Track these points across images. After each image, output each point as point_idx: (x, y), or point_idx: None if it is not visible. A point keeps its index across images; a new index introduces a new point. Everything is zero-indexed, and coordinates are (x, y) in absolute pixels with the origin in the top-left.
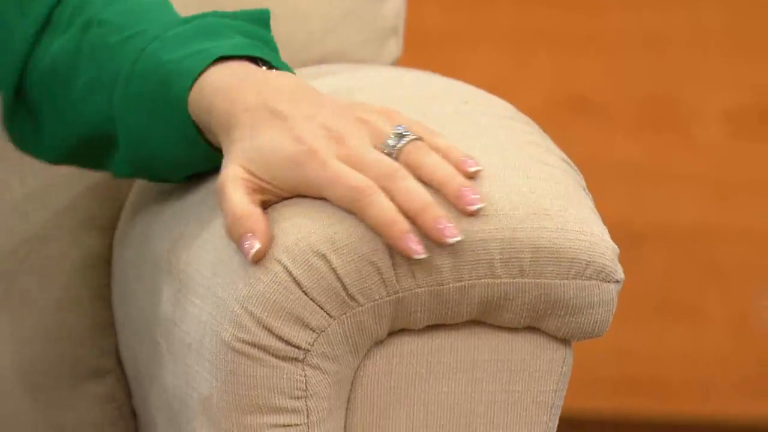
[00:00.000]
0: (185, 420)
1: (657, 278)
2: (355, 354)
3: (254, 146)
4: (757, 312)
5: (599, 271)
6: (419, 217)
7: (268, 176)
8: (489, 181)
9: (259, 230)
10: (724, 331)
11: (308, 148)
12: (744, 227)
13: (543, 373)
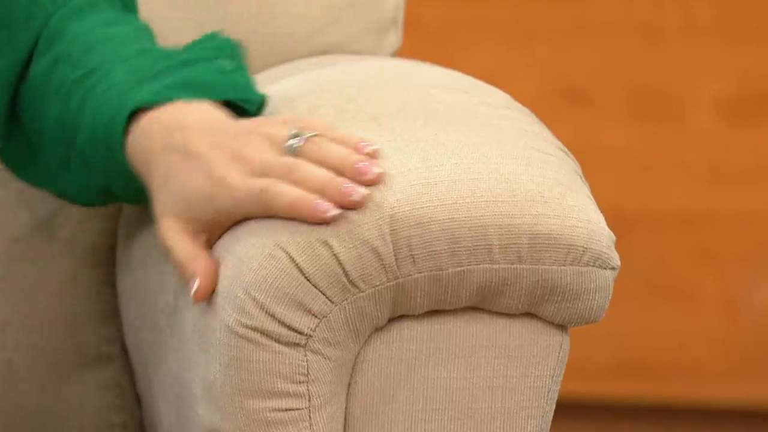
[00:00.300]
0: (189, 405)
1: (649, 263)
2: (356, 339)
3: (172, 195)
4: (748, 296)
5: (596, 258)
6: (325, 191)
7: (196, 219)
8: (491, 168)
9: (199, 271)
10: (715, 315)
11: (217, 179)
12: (735, 213)
13: (540, 359)
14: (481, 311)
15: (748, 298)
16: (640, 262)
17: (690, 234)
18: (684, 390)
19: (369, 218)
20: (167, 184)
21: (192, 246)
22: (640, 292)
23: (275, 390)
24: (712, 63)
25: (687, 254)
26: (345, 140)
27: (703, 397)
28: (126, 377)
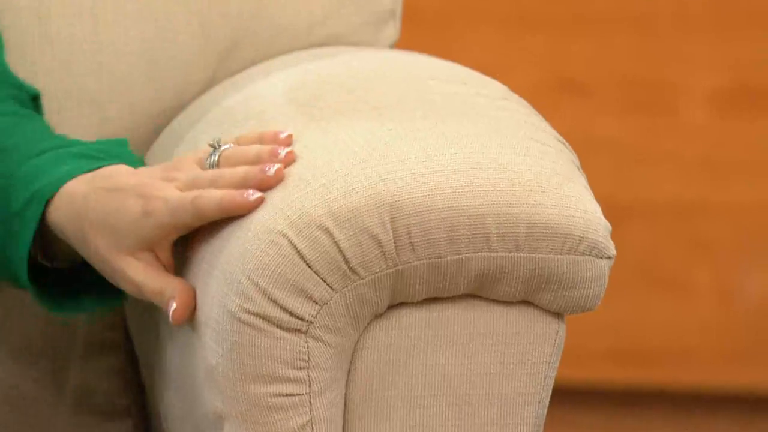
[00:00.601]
0: (193, 389)
1: (642, 252)
2: (356, 326)
3: (113, 231)
4: (741, 284)
5: (592, 247)
6: (247, 180)
7: (142, 243)
8: (490, 158)
9: (176, 293)
10: (708, 303)
11: (150, 197)
12: (727, 203)
13: (536, 346)
14: (479, 299)
15: (740, 286)
16: (634, 251)
17: (683, 224)
18: (677, 376)
19: (369, 206)
20: (105, 223)
21: (158, 275)
22: (634, 281)
23: (276, 375)
24: (706, 56)
25: (680, 244)
26: (261, 137)
27: (695, 383)
28: (130, 363)
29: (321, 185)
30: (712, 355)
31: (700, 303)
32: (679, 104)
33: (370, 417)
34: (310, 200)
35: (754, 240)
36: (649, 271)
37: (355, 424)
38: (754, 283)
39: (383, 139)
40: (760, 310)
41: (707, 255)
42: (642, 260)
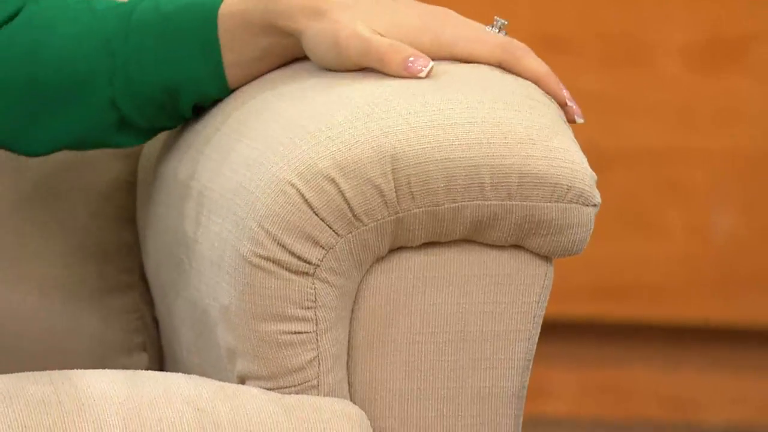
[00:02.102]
0: (207, 327)
1: (622, 195)
2: (359, 269)
3: (366, 12)
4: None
5: (579, 196)
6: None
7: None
8: (484, 113)
9: (414, 52)
10: (681, 241)
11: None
12: (700, 150)
13: (527, 287)
14: (474, 243)
15: (711, 226)
16: (614, 194)
17: (659, 169)
18: (651, 310)
19: (372, 158)
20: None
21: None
22: (615, 222)
23: (286, 315)
24: (681, 12)
25: (656, 187)
26: None
27: (669, 317)
28: (144, 303)
29: (327, 138)
30: (684, 290)
31: (673, 242)
32: (656, 58)
33: (373, 353)
34: (317, 152)
35: (723, 183)
36: (628, 213)
37: (358, 359)
38: (723, 224)
39: (384, 95)
40: (729, 249)
41: (681, 197)
42: (621, 203)
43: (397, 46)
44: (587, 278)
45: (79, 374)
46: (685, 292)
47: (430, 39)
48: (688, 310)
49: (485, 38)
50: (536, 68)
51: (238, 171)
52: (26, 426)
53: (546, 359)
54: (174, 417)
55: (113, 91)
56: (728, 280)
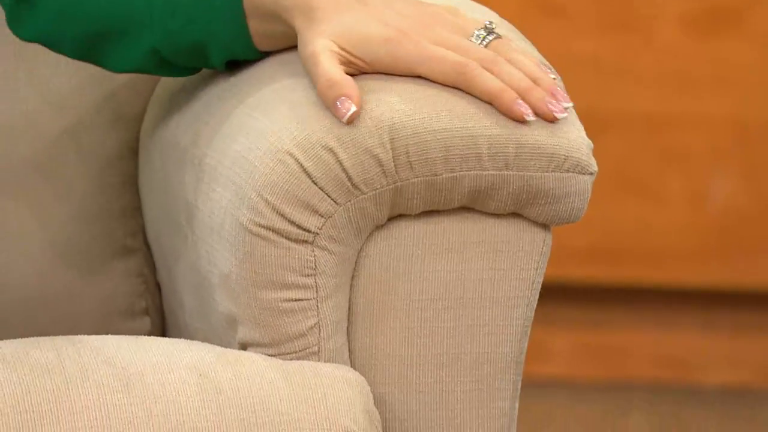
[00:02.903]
0: (208, 294)
1: (619, 160)
2: (359, 237)
3: (342, 24)
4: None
5: (576, 165)
6: (528, 95)
7: (358, 52)
8: None
9: (354, 95)
10: (678, 206)
11: (397, 30)
12: (697, 115)
13: (525, 254)
14: (472, 211)
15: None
16: (611, 160)
17: (656, 134)
18: (649, 274)
19: (371, 128)
20: (340, 16)
21: (340, 70)
22: (611, 187)
23: (286, 282)
24: None
25: (653, 153)
26: (526, 52)
27: (665, 280)
28: (147, 266)
29: (325, 108)
30: (681, 254)
31: (670, 207)
32: (652, 23)
33: (372, 319)
34: (316, 122)
35: (720, 149)
36: (625, 178)
37: (358, 325)
38: (720, 189)
39: None
40: (725, 214)
41: (678, 163)
42: (618, 168)
43: (334, 82)
44: (585, 242)
45: (83, 340)
46: (682, 255)
47: (391, 56)
48: (685, 274)
49: (444, 58)
50: (490, 89)
51: (238, 140)
52: (30, 391)
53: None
54: (176, 382)
55: (153, 39)
56: (725, 244)
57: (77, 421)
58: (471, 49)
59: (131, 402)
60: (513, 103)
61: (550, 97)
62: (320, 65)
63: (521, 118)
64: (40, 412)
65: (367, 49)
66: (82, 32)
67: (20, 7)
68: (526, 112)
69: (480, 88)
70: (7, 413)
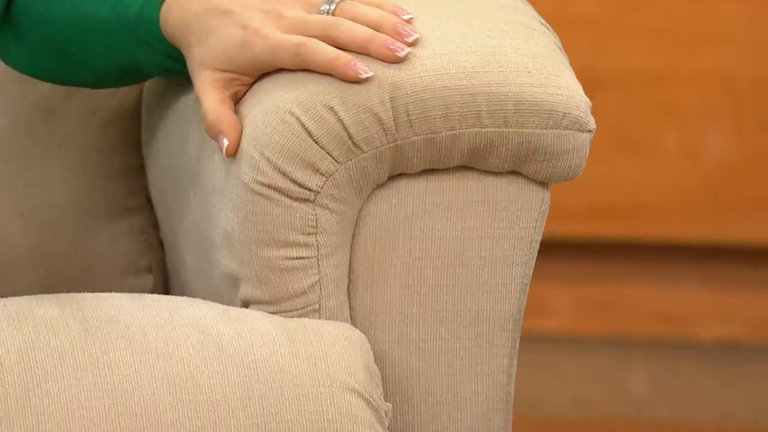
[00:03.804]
0: (210, 252)
1: (616, 118)
2: (359, 195)
3: (210, 45)
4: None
5: (574, 122)
6: (369, 46)
7: (230, 66)
8: (480, 42)
9: (227, 129)
10: (675, 162)
11: (252, 29)
12: (693, 72)
13: (524, 212)
14: (472, 170)
15: (704, 148)
16: (609, 117)
17: (653, 92)
18: (646, 229)
19: (371, 87)
20: (206, 40)
21: (220, 104)
22: (609, 144)
23: (287, 240)
24: None
25: (650, 109)
26: (380, 4)
27: (663, 236)
28: (150, 225)
29: None
30: (677, 210)
31: (667, 163)
32: None
33: (373, 277)
34: (317, 81)
35: (716, 106)
36: (622, 135)
37: (358, 283)
38: (716, 145)
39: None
40: (721, 170)
41: (675, 119)
42: (616, 125)
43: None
44: (582, 199)
45: (86, 297)
46: (678, 211)
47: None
48: (681, 229)
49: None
50: (324, 61)
51: (241, 100)
52: (34, 348)
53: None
54: (179, 340)
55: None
56: (720, 200)
57: (81, 378)
58: (310, 22)
59: (134, 359)
60: (347, 68)
61: (393, 39)
62: (202, 103)
63: (356, 79)
64: (45, 368)
65: (233, 62)
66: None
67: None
68: (360, 72)
69: (317, 64)
70: (12, 370)
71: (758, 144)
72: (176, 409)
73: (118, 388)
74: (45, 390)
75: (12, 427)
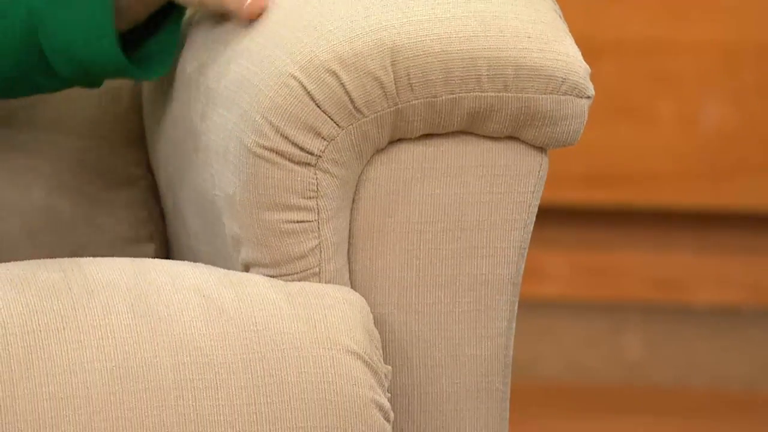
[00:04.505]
0: (213, 216)
1: (613, 85)
2: (360, 160)
3: None
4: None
5: (573, 88)
6: None
7: None
8: (481, 7)
9: None
10: (671, 130)
11: None
12: (689, 40)
13: (522, 177)
14: (471, 135)
15: (699, 115)
16: (605, 85)
17: (649, 60)
18: (643, 195)
19: (372, 51)
20: None
21: None
22: (605, 111)
23: (289, 204)
24: None
25: (646, 77)
26: None
27: (659, 202)
28: (151, 195)
29: (328, 31)
30: (673, 176)
31: (663, 130)
32: None
33: (372, 242)
34: (319, 45)
35: (712, 73)
36: (620, 102)
37: (358, 247)
38: (711, 113)
39: None
40: (716, 137)
41: (671, 87)
42: (612, 93)
43: None
44: (579, 166)
45: (88, 262)
46: (674, 178)
47: None
48: (677, 196)
49: None
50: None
51: (243, 64)
52: (37, 311)
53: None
54: (180, 303)
55: None
56: (716, 166)
57: (84, 341)
58: None
59: (136, 322)
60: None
61: None
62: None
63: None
64: (48, 331)
65: None
66: None
67: None
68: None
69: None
70: (16, 333)
71: (755, 111)
72: (177, 371)
73: (120, 351)
74: (48, 353)
75: (15, 389)
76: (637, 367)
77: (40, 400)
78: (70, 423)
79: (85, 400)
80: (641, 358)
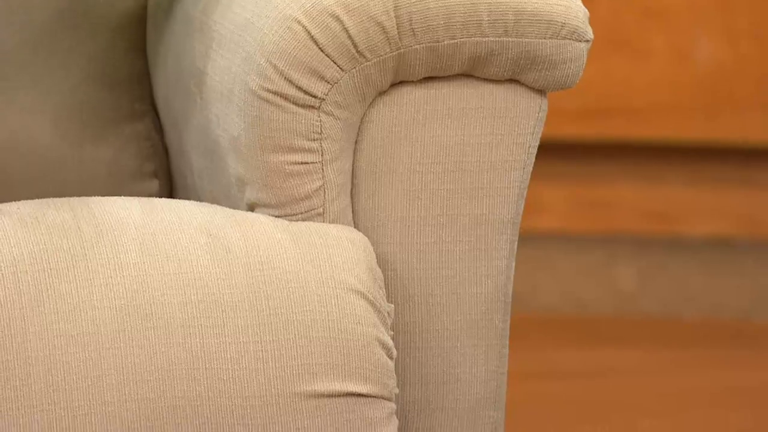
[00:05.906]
0: (217, 155)
1: (606, 22)
2: (363, 103)
3: None
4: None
5: (572, 32)
6: None
7: None
8: None
9: None
10: (664, 65)
11: None
12: None
13: (522, 119)
14: (472, 78)
15: (692, 50)
16: (599, 21)
17: None
18: (637, 129)
19: None
20: None
21: None
22: (600, 47)
23: (293, 146)
24: None
25: (639, 13)
26: None
27: (652, 136)
28: (155, 130)
29: None
30: (667, 110)
31: (657, 65)
32: None
33: (375, 182)
34: None
35: (704, 9)
36: (614, 37)
37: (361, 188)
38: (703, 48)
39: None
40: (708, 71)
41: (663, 23)
42: (606, 29)
43: None
44: (576, 101)
45: (97, 201)
46: (668, 112)
47: None
48: (671, 130)
49: None
50: None
51: (247, 7)
52: (47, 250)
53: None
54: (188, 242)
55: None
56: (709, 101)
57: (93, 279)
58: None
59: (144, 261)
60: None
61: None
62: None
63: None
64: (58, 270)
65: None
66: None
67: None
68: None
69: None
70: (26, 271)
71: (747, 46)
72: (185, 309)
73: (128, 289)
74: (58, 291)
75: (26, 326)
76: (631, 298)
77: (51, 337)
78: (80, 360)
79: (95, 337)
80: (635, 289)
